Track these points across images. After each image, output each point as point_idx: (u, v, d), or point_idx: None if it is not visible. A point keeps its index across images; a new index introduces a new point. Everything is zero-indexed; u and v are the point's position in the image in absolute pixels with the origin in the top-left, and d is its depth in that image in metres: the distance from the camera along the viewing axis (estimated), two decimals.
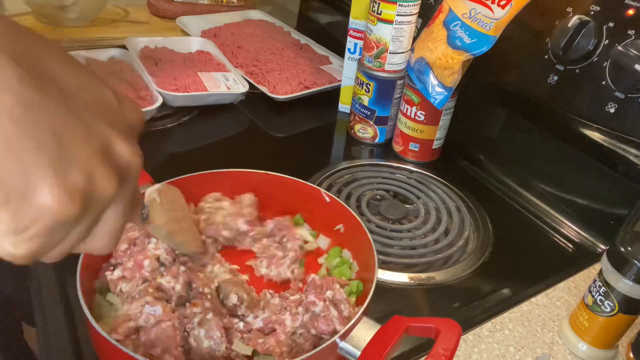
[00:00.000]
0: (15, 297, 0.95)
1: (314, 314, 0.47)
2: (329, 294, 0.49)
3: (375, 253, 0.51)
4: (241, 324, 0.47)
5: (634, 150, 0.64)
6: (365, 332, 0.43)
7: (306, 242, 0.60)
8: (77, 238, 0.28)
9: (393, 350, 0.42)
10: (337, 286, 0.50)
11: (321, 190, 0.59)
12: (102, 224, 0.29)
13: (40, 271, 0.54)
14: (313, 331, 0.47)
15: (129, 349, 0.41)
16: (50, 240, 0.26)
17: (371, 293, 0.47)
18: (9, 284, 0.94)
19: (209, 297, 0.48)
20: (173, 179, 0.56)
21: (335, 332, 0.46)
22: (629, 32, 0.62)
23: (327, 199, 0.59)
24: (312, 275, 0.52)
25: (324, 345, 0.42)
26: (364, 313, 0.45)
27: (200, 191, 0.61)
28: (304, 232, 0.61)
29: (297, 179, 0.60)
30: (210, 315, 0.46)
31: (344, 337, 0.43)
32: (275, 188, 0.61)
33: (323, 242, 0.61)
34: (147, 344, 0.43)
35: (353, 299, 0.52)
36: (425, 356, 0.40)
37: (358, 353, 0.42)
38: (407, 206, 0.73)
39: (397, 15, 0.75)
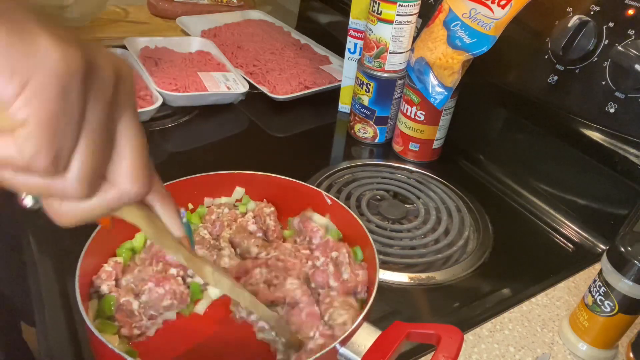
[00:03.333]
0: (15, 297, 0.95)
1: (315, 267, 0.52)
2: (334, 254, 0.53)
3: (376, 256, 0.50)
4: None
5: (634, 150, 0.64)
6: (365, 337, 0.42)
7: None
8: (99, 135, 0.25)
9: (393, 357, 0.41)
10: (344, 251, 0.53)
11: (323, 192, 0.59)
12: (119, 137, 0.27)
13: (40, 271, 0.54)
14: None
15: None
16: (59, 106, 0.23)
17: (372, 298, 0.46)
18: (9, 284, 0.94)
19: None
20: (173, 181, 0.56)
21: (328, 286, 0.50)
22: (629, 32, 0.62)
23: (329, 202, 0.58)
24: (328, 237, 0.55)
25: (324, 351, 0.41)
26: (365, 318, 0.44)
27: (200, 193, 0.60)
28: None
29: (299, 181, 0.60)
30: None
31: (344, 342, 0.42)
32: (276, 190, 0.61)
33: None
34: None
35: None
36: (425, 356, 0.40)
37: (358, 359, 0.42)
38: (407, 206, 0.73)
39: (397, 15, 0.75)
